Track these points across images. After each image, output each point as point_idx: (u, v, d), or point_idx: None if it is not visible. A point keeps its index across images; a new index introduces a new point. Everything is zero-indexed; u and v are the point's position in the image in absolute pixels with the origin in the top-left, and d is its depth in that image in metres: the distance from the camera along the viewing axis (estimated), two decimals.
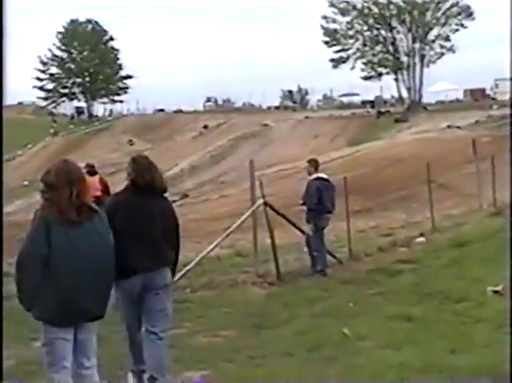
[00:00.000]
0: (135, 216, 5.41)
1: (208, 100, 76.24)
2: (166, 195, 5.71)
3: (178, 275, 9.83)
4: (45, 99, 73.17)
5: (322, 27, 65.72)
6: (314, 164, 11.03)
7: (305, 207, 10.89)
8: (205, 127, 56.90)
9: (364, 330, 7.05)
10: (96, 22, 72.89)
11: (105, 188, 14.23)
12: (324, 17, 65.39)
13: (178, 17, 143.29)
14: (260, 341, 7.07)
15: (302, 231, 11.13)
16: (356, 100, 71.06)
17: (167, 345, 5.65)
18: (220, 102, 76.37)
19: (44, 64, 72.40)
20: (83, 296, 4.44)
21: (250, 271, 10.77)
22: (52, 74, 72.67)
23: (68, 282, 4.42)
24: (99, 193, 13.75)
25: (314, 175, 10.86)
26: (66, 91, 72.82)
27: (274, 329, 7.55)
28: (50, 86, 72.71)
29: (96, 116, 70.67)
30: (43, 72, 72.43)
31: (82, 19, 72.62)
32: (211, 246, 10.45)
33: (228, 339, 7.34)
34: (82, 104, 73.83)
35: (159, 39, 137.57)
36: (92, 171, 14.38)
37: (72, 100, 73.57)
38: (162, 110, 69.67)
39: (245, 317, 8.16)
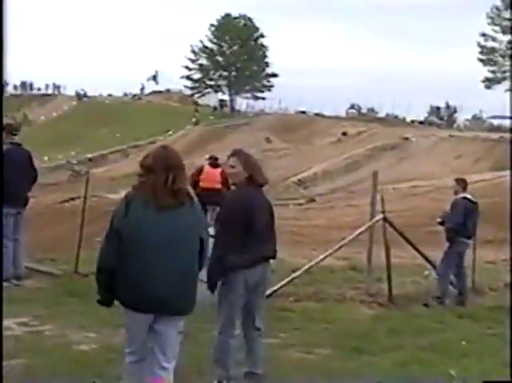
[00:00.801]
0: (254, 212, 5.43)
1: (352, 107, 75.28)
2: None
3: (283, 281, 9.46)
4: (192, 88, 75.03)
5: (479, 45, 63.20)
6: (463, 184, 10.38)
7: (442, 227, 10.21)
8: (344, 133, 56.13)
9: (474, 374, 6.30)
10: (249, 19, 73.87)
11: (226, 182, 14.01)
12: (483, 35, 62.86)
13: (331, 21, 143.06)
14: (355, 367, 6.49)
15: (421, 253, 10.41)
16: (507, 123, 67.75)
17: None
18: (364, 110, 75.17)
19: (195, 54, 74.27)
20: (156, 285, 4.33)
21: (360, 288, 10.16)
22: (201, 65, 74.37)
23: (139, 266, 4.32)
24: (219, 186, 13.58)
25: (461, 195, 10.20)
26: (212, 83, 74.32)
27: (374, 356, 6.93)
28: (197, 76, 74.46)
29: (238, 111, 71.57)
30: (193, 61, 74.30)
31: (236, 14, 74.03)
32: (322, 256, 9.95)
33: (321, 358, 6.82)
34: (226, 97, 75.12)
35: (310, 41, 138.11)
36: (214, 163, 14.21)
37: (216, 92, 75.00)
38: (303, 112, 69.52)
39: (345, 337, 7.58)
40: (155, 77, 78.28)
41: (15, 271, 9.13)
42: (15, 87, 76.73)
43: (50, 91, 75.41)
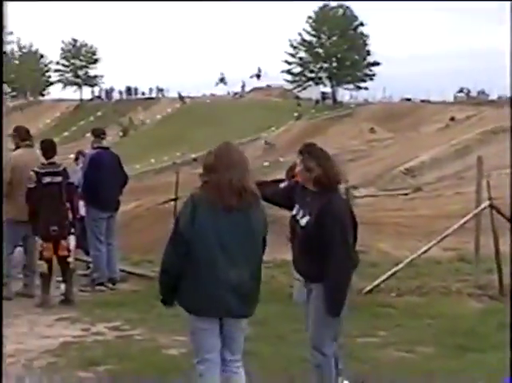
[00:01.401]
0: None
1: (460, 90, 72.65)
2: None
3: (385, 275, 9.00)
4: (292, 82, 74.70)
5: None
6: None
7: None
8: (452, 119, 54.29)
9: None
10: (348, 7, 72.75)
11: None
12: None
13: (433, 4, 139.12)
14: (459, 366, 5.98)
15: None
16: None
17: None
18: (474, 93, 72.33)
19: (294, 48, 73.85)
20: (224, 289, 4.17)
21: (468, 280, 9.54)
22: (300, 58, 73.89)
23: (207, 271, 4.13)
24: None
25: None
26: (313, 75, 73.63)
27: (481, 354, 6.37)
28: (297, 70, 74.06)
29: (341, 102, 70.64)
30: (292, 56, 73.94)
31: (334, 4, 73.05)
32: (425, 247, 9.38)
33: (423, 357, 6.34)
34: (327, 89, 74.33)
35: (410, 26, 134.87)
36: None
37: (317, 84, 74.21)
38: (409, 99, 67.80)
39: (450, 333, 7.03)
40: (258, 76, 78.51)
41: (110, 275, 9.11)
42: (120, 92, 79.05)
43: (154, 95, 77.15)
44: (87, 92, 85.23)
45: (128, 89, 78.37)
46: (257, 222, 4.26)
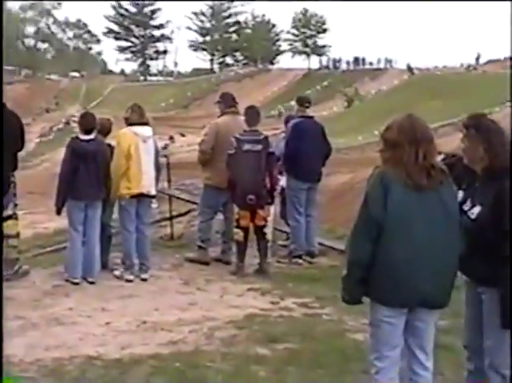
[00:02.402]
0: None
1: None
2: None
3: None
4: None
5: None
6: None
7: None
8: None
9: None
10: None
11: None
12: None
13: None
14: None
15: None
16: None
17: None
18: None
19: None
20: (419, 276, 3.73)
21: None
22: None
23: (401, 256, 3.71)
24: None
25: None
26: None
27: None
28: None
29: None
30: None
31: None
32: None
33: None
34: None
35: None
36: None
37: None
38: None
39: None
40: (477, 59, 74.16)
41: (308, 248, 8.87)
42: (348, 63, 78.83)
43: (382, 65, 75.95)
44: (315, 62, 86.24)
45: (356, 60, 78.02)
46: (451, 201, 3.81)
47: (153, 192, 7.81)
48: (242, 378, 4.89)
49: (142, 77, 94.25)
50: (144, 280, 7.66)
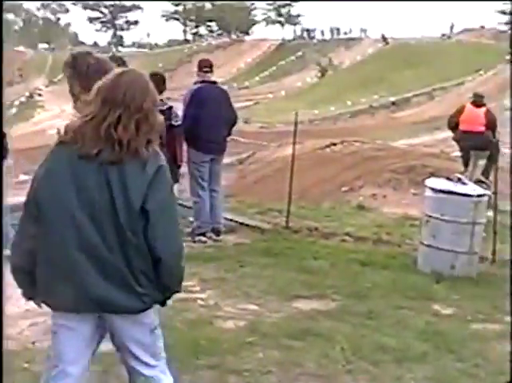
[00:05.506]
0: None
1: None
2: None
3: None
4: (509, 23, 68.95)
5: None
6: None
7: None
8: None
9: None
10: None
11: (490, 123, 11.73)
12: None
13: None
14: None
15: None
16: None
17: None
18: None
19: None
20: (83, 274, 2.84)
21: None
22: None
23: (55, 249, 2.86)
24: (481, 128, 11.53)
25: None
26: None
27: None
28: None
29: None
30: None
31: None
32: None
33: None
34: None
35: None
36: (478, 102, 11.99)
37: None
38: None
39: None
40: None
41: (213, 225, 8.23)
42: (322, 32, 77.78)
43: (357, 35, 74.99)
44: (289, 32, 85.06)
45: (331, 30, 76.93)
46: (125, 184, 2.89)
47: None
48: None
49: (115, 49, 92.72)
50: None
